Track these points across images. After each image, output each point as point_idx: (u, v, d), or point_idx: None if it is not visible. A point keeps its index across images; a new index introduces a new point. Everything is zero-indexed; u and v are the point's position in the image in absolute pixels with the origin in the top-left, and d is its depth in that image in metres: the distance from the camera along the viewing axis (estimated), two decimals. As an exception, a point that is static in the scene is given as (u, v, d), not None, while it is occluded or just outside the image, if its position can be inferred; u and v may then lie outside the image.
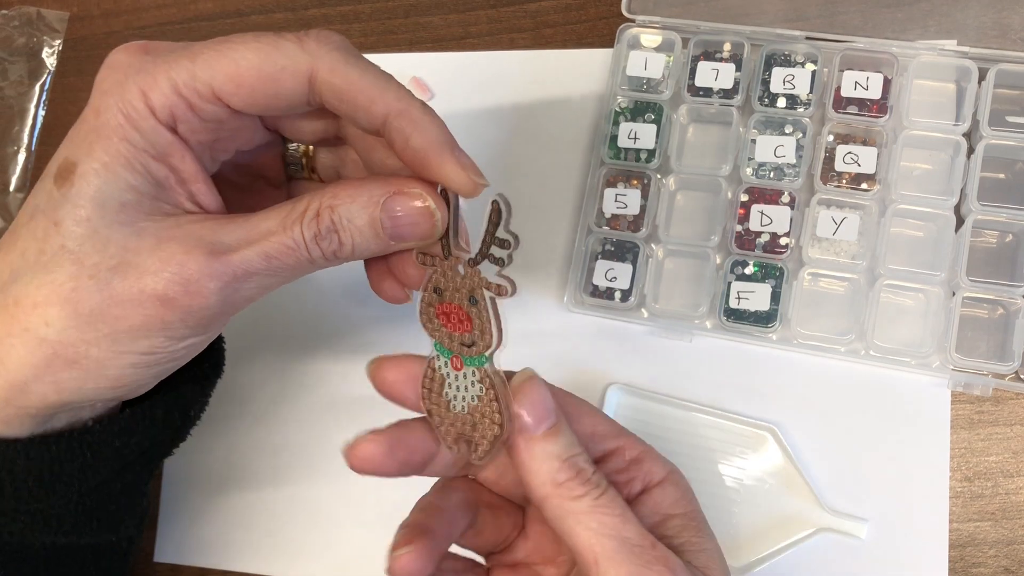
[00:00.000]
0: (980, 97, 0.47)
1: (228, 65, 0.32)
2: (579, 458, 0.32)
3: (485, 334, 0.32)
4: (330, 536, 0.52)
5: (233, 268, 0.32)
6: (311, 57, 0.32)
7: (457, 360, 0.32)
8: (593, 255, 0.50)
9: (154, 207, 0.33)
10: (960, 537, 0.45)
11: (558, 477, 0.31)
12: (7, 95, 0.62)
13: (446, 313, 0.32)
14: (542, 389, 0.32)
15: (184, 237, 0.32)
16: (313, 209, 0.33)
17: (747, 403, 0.48)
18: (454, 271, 0.32)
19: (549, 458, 0.31)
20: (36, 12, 0.63)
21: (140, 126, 0.32)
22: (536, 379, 0.32)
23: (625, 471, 0.34)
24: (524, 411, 0.31)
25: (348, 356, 0.54)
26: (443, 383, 0.33)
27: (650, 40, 0.52)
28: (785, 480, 0.47)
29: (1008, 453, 0.46)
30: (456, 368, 0.32)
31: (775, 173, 0.49)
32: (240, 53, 0.32)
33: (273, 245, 0.32)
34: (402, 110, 0.33)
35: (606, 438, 0.35)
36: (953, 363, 0.45)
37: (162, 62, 0.32)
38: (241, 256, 0.32)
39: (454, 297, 0.32)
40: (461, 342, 0.32)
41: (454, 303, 0.32)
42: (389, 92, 0.33)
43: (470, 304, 0.32)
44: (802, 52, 0.50)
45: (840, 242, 0.48)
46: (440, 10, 0.57)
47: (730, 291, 0.48)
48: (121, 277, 0.31)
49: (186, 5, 0.61)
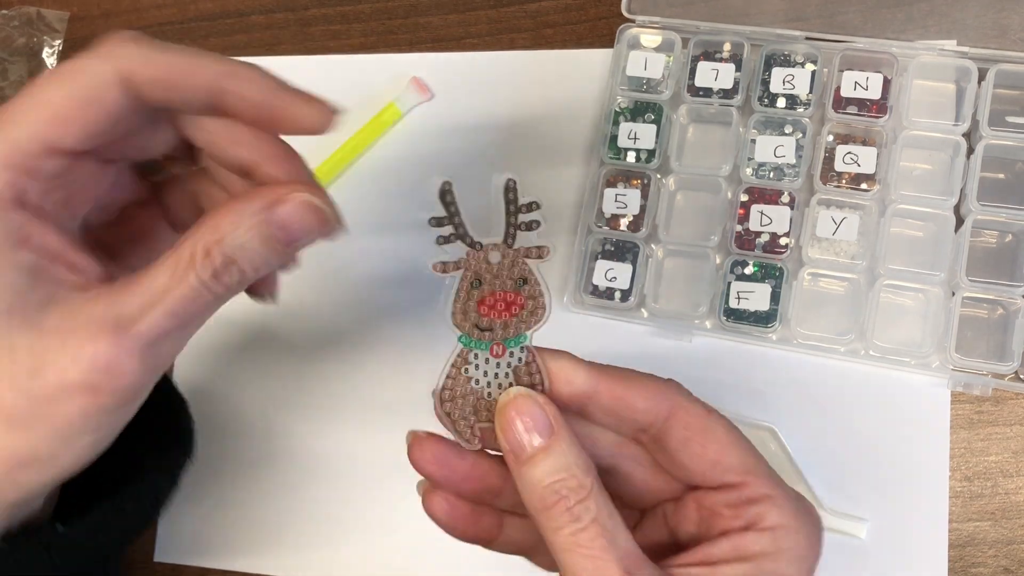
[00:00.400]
0: (980, 97, 0.47)
1: (44, 110, 0.30)
2: (565, 483, 0.30)
3: (538, 308, 0.32)
4: (331, 536, 0.52)
5: (145, 338, 0.30)
6: (117, 60, 0.30)
7: (498, 347, 0.32)
8: (593, 255, 0.50)
9: (40, 296, 0.30)
10: (960, 537, 0.45)
11: (546, 501, 0.30)
12: (7, 95, 0.62)
13: (490, 304, 0.32)
14: (532, 405, 0.31)
15: (86, 323, 0.30)
16: (201, 250, 0.31)
17: (747, 403, 0.48)
18: (487, 261, 0.32)
19: (534, 480, 0.30)
20: (36, 12, 0.63)
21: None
22: (525, 396, 0.31)
23: (735, 506, 0.32)
24: (514, 429, 0.31)
25: (349, 356, 0.54)
26: (469, 379, 0.33)
27: (650, 40, 0.52)
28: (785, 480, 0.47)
29: (1008, 453, 0.46)
30: (497, 355, 0.32)
31: (775, 173, 0.49)
32: (50, 92, 0.30)
33: (175, 301, 0.30)
34: (226, 71, 0.31)
35: (728, 471, 0.32)
36: (953, 363, 0.45)
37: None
38: (148, 323, 0.30)
39: (495, 285, 0.32)
40: (504, 327, 0.32)
41: (497, 291, 0.32)
42: (206, 60, 0.31)
43: (518, 285, 0.32)
44: (802, 52, 0.50)
45: (840, 242, 0.48)
46: (440, 10, 0.57)
47: (730, 291, 0.48)
48: (41, 380, 0.30)
49: (186, 5, 0.61)
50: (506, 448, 0.31)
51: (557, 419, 0.31)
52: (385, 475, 0.52)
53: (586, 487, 0.30)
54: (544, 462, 0.30)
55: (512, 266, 0.32)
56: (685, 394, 0.33)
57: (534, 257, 0.32)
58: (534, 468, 0.30)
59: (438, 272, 0.32)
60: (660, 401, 0.33)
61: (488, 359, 0.32)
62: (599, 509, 0.30)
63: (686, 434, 0.32)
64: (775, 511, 0.32)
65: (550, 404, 0.31)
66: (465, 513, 0.34)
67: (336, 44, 0.58)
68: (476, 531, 0.35)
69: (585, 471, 0.31)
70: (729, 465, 0.32)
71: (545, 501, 0.30)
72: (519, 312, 0.32)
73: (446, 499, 0.34)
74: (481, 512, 0.34)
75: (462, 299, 0.32)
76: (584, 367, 0.33)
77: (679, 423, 0.32)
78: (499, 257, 0.32)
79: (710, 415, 0.33)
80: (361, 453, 0.53)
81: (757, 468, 0.33)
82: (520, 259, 0.32)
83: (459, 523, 0.34)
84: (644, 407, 0.32)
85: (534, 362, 0.32)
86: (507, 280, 0.32)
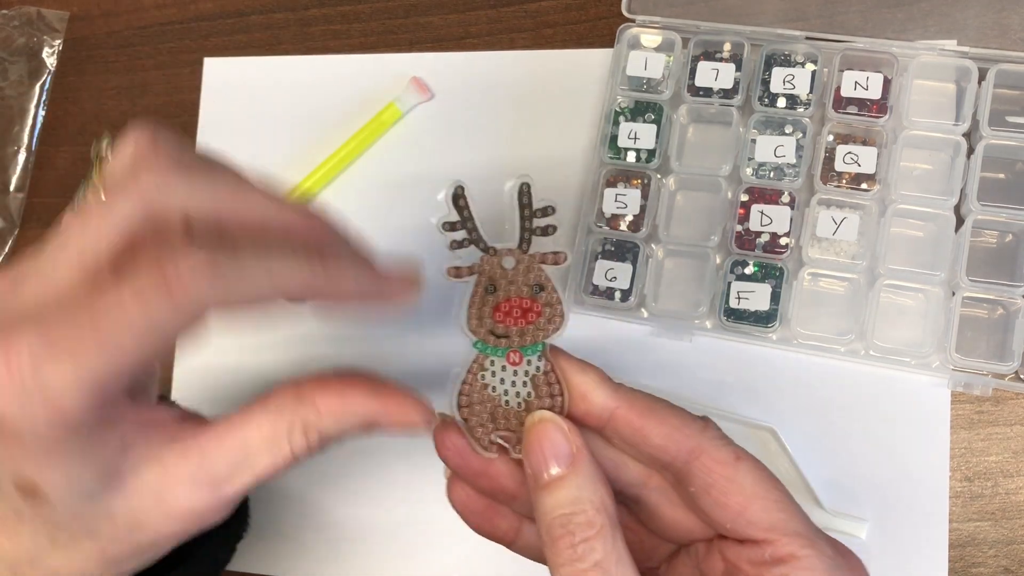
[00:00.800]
0: (980, 97, 0.47)
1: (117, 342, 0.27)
2: (574, 517, 0.29)
3: (555, 316, 0.31)
4: (331, 536, 0.52)
5: (235, 495, 0.31)
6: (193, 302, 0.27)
7: (515, 354, 0.32)
8: (593, 255, 0.50)
9: (132, 460, 0.30)
10: (960, 537, 0.45)
11: (552, 532, 0.29)
12: (7, 95, 0.62)
13: (506, 311, 0.32)
14: (555, 432, 0.30)
15: (180, 482, 0.31)
16: (300, 428, 0.31)
17: (747, 403, 0.48)
18: (501, 267, 0.32)
19: (545, 509, 0.29)
20: (36, 12, 0.63)
21: (80, 431, 0.28)
22: (549, 422, 0.31)
23: (758, 565, 0.30)
24: (535, 454, 0.30)
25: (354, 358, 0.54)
26: (486, 387, 0.32)
27: (650, 40, 0.52)
28: (785, 480, 0.46)
29: (1008, 453, 0.46)
30: (514, 363, 0.32)
31: (775, 173, 0.49)
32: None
33: (265, 468, 0.31)
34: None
35: (751, 526, 0.30)
36: (953, 363, 0.45)
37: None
38: (239, 484, 0.31)
39: (510, 291, 0.31)
40: (520, 334, 0.32)
41: (512, 297, 0.31)
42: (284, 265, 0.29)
43: (534, 291, 0.31)
44: (802, 52, 0.50)
45: (840, 242, 0.48)
46: (440, 10, 0.57)
47: (730, 291, 0.48)
48: (140, 534, 0.31)
49: (186, 5, 0.61)
50: (528, 471, 0.30)
51: (580, 450, 0.30)
52: (392, 480, 0.52)
53: (595, 525, 0.29)
54: (558, 492, 0.29)
55: (528, 272, 0.32)
56: (714, 436, 0.31)
57: (550, 263, 0.31)
58: (548, 496, 0.30)
59: (452, 277, 0.32)
60: (680, 440, 0.31)
61: (505, 367, 0.32)
62: (606, 553, 0.29)
63: (708, 480, 0.31)
64: (802, 573, 0.29)
65: (575, 433, 0.30)
66: (480, 508, 0.34)
67: (336, 44, 0.58)
68: (492, 529, 0.34)
69: (598, 508, 0.29)
70: (753, 519, 0.30)
71: (552, 533, 0.29)
72: (536, 320, 0.32)
73: (465, 490, 0.33)
74: (498, 511, 0.34)
75: (477, 304, 0.32)
76: (607, 387, 0.31)
77: (701, 467, 0.31)
78: (514, 262, 0.32)
79: (739, 462, 0.31)
80: (370, 459, 0.53)
81: (787, 524, 0.30)
82: (536, 265, 0.31)
83: (473, 517, 0.34)
84: (660, 444, 0.31)
85: (553, 372, 0.32)
86: (523, 286, 0.32)
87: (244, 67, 0.59)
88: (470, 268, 0.32)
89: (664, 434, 0.31)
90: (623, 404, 0.31)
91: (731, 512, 0.30)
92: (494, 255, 0.32)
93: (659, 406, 0.31)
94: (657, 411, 0.31)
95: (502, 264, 0.32)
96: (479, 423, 0.32)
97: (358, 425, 0.32)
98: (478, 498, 0.34)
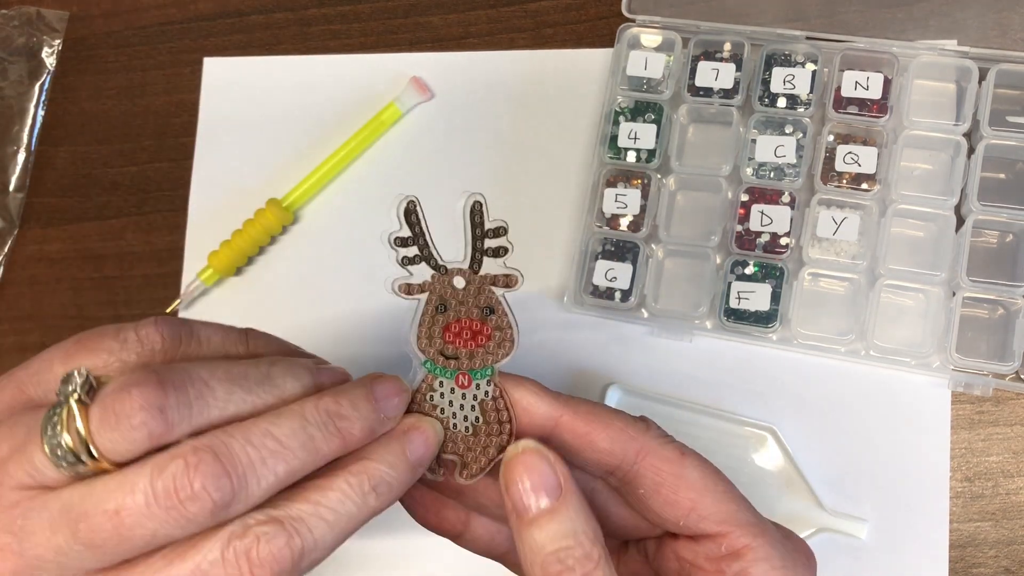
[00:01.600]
0: (980, 97, 0.47)
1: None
2: (571, 551, 0.28)
3: (505, 341, 0.31)
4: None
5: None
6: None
7: (464, 377, 0.31)
8: (593, 255, 0.50)
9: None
10: (960, 537, 0.45)
11: (549, 569, 0.28)
12: (7, 95, 0.62)
13: (456, 332, 0.31)
14: (541, 462, 0.29)
15: None
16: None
17: (747, 403, 0.48)
18: (452, 286, 0.31)
19: (536, 545, 0.28)
20: (36, 12, 0.63)
21: None
22: (534, 452, 0.29)
23: (716, 560, 0.30)
24: (519, 487, 0.29)
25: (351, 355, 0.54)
26: (434, 407, 0.31)
27: (650, 40, 0.52)
28: (785, 480, 0.47)
29: (1008, 453, 0.46)
30: (463, 386, 0.31)
31: (775, 173, 0.49)
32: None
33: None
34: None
35: (704, 520, 0.30)
36: (953, 363, 0.45)
37: None
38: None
39: (460, 312, 0.31)
40: (469, 357, 0.31)
41: (463, 318, 0.31)
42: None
43: (484, 314, 0.31)
44: (802, 52, 0.50)
45: (840, 242, 0.48)
46: (440, 10, 0.57)
47: (730, 291, 0.48)
48: None
49: (186, 5, 0.61)
50: (509, 506, 0.29)
51: (567, 480, 0.29)
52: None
53: (593, 559, 0.28)
54: (549, 526, 0.28)
55: (478, 294, 0.31)
56: (656, 435, 0.31)
57: (501, 286, 0.30)
58: (538, 531, 0.28)
59: (402, 294, 0.31)
60: (626, 442, 0.31)
61: (454, 389, 0.31)
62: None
63: (656, 479, 0.30)
64: (760, 564, 0.30)
65: (560, 463, 0.30)
66: (427, 501, 0.34)
67: (336, 44, 0.58)
68: (439, 522, 0.34)
69: (593, 540, 0.29)
70: (705, 513, 0.30)
71: (547, 569, 0.28)
72: (486, 343, 0.31)
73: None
74: (445, 503, 0.34)
75: (427, 324, 0.31)
76: (547, 398, 0.31)
77: (648, 467, 0.31)
78: (464, 283, 0.31)
79: (684, 458, 0.31)
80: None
81: (737, 516, 0.30)
82: (487, 287, 0.31)
83: (419, 509, 0.34)
84: (607, 448, 0.31)
85: (501, 398, 0.31)
86: (473, 308, 0.31)
87: (244, 67, 0.59)
88: (421, 286, 0.31)
89: (609, 437, 0.31)
90: (566, 412, 0.31)
91: (682, 508, 0.30)
92: (445, 274, 0.31)
93: (601, 410, 0.31)
94: (600, 415, 0.31)
95: (453, 283, 0.31)
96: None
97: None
98: (424, 492, 0.33)
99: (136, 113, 0.60)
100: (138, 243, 0.58)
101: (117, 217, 0.59)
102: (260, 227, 0.55)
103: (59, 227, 0.60)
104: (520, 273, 0.30)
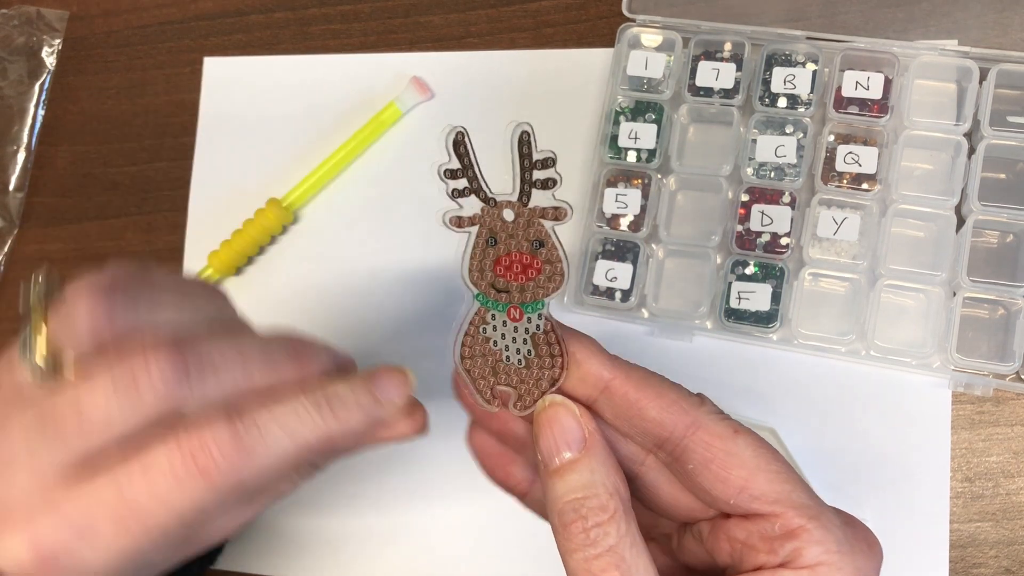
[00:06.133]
0: (981, 97, 0.47)
1: None
2: (587, 502, 0.28)
3: (555, 275, 0.30)
4: (331, 535, 0.52)
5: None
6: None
7: (515, 310, 0.31)
8: (593, 255, 0.50)
9: None
10: (961, 538, 0.45)
11: (564, 518, 0.28)
12: (7, 95, 0.62)
13: (506, 265, 0.31)
14: (567, 416, 0.29)
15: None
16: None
17: (747, 403, 0.48)
18: (501, 219, 0.30)
19: (557, 494, 0.29)
20: (36, 11, 0.63)
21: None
22: (560, 406, 0.30)
23: (769, 540, 0.29)
24: (546, 440, 0.29)
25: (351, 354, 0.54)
26: (487, 340, 0.31)
27: (650, 40, 0.52)
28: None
29: (1009, 453, 0.46)
30: (515, 319, 0.31)
31: (776, 173, 0.49)
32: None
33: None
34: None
35: (756, 500, 0.29)
36: (954, 363, 0.45)
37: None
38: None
39: (510, 245, 0.30)
40: (520, 290, 0.31)
41: (513, 251, 0.31)
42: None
43: (534, 247, 0.30)
44: (803, 52, 0.50)
45: (841, 242, 0.47)
46: (440, 10, 0.57)
47: (730, 291, 0.48)
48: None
49: (186, 5, 0.61)
50: (538, 457, 0.30)
51: (593, 434, 0.29)
52: (391, 480, 0.52)
53: (608, 510, 0.28)
54: (570, 476, 0.29)
55: (528, 226, 0.30)
56: (710, 411, 0.30)
57: (550, 218, 0.30)
58: (559, 481, 0.29)
59: (452, 227, 0.31)
60: (677, 414, 0.30)
61: (506, 322, 0.31)
62: (619, 537, 0.28)
63: (707, 455, 0.29)
64: (814, 547, 0.28)
65: (587, 417, 0.30)
66: (493, 454, 0.34)
67: (336, 44, 0.58)
68: (505, 477, 0.34)
69: (611, 493, 0.29)
70: (757, 492, 0.29)
71: (563, 518, 0.28)
72: (536, 276, 0.31)
73: (481, 435, 0.33)
74: (513, 460, 0.34)
75: (478, 257, 0.31)
76: (603, 358, 0.30)
77: (699, 442, 0.30)
78: (513, 215, 0.30)
79: (737, 435, 0.30)
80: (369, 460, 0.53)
81: (791, 497, 0.29)
82: (536, 219, 0.30)
83: (488, 461, 0.34)
84: (655, 417, 0.30)
85: (552, 332, 0.31)
86: (523, 241, 0.30)
87: (244, 67, 0.59)
88: (471, 219, 0.31)
89: (661, 407, 0.30)
90: (619, 375, 0.30)
91: (733, 487, 0.29)
92: (495, 206, 0.31)
93: (655, 379, 0.31)
94: (653, 384, 0.30)
95: (502, 216, 0.30)
96: (481, 375, 0.31)
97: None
98: (494, 444, 0.34)
99: (136, 113, 0.60)
100: (138, 243, 0.58)
101: (117, 217, 0.59)
102: (260, 227, 0.55)
103: (59, 227, 0.60)
104: (569, 206, 0.30)
